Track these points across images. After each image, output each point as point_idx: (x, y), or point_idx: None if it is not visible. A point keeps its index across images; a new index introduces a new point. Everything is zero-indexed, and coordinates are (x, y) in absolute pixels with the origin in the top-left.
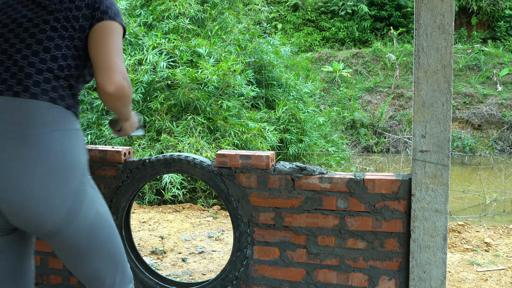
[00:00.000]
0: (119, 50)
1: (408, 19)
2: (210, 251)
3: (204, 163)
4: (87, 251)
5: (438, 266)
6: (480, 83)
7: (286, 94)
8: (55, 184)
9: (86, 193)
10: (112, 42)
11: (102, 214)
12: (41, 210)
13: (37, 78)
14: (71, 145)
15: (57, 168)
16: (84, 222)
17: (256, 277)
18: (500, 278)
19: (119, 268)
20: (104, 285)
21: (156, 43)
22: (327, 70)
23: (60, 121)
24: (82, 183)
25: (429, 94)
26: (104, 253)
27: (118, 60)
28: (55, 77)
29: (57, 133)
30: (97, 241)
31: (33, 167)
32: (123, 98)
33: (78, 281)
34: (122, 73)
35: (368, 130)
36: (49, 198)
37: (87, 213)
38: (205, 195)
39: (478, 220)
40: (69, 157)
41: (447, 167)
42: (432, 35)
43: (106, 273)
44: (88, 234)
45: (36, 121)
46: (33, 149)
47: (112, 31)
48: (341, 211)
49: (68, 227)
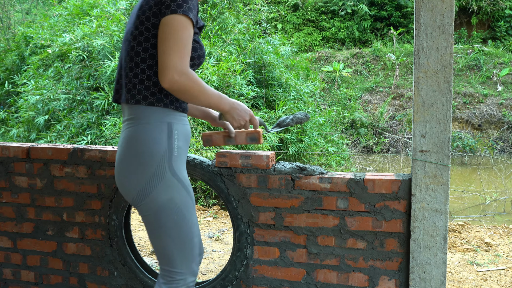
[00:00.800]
0: (176, 45)
1: (408, 19)
2: (210, 251)
3: (204, 163)
4: (155, 229)
5: (438, 266)
6: (480, 83)
7: (286, 94)
8: (133, 167)
9: (163, 179)
10: (169, 38)
11: (176, 202)
12: (124, 185)
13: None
14: (151, 135)
15: (136, 154)
16: (153, 203)
17: (256, 277)
18: (500, 278)
19: (182, 254)
20: (168, 265)
21: None
22: (327, 70)
23: (143, 116)
24: (159, 169)
25: (429, 94)
26: (170, 236)
27: (173, 57)
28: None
29: (139, 126)
30: (163, 223)
31: (121, 151)
32: (182, 92)
33: (78, 281)
34: (175, 69)
35: (368, 130)
36: (127, 177)
37: (157, 196)
38: (205, 195)
39: (478, 220)
40: (147, 144)
41: (447, 167)
42: (432, 35)
43: (171, 256)
44: (155, 215)
45: (130, 117)
46: (123, 137)
47: (171, 26)
48: (341, 211)
49: (139, 203)
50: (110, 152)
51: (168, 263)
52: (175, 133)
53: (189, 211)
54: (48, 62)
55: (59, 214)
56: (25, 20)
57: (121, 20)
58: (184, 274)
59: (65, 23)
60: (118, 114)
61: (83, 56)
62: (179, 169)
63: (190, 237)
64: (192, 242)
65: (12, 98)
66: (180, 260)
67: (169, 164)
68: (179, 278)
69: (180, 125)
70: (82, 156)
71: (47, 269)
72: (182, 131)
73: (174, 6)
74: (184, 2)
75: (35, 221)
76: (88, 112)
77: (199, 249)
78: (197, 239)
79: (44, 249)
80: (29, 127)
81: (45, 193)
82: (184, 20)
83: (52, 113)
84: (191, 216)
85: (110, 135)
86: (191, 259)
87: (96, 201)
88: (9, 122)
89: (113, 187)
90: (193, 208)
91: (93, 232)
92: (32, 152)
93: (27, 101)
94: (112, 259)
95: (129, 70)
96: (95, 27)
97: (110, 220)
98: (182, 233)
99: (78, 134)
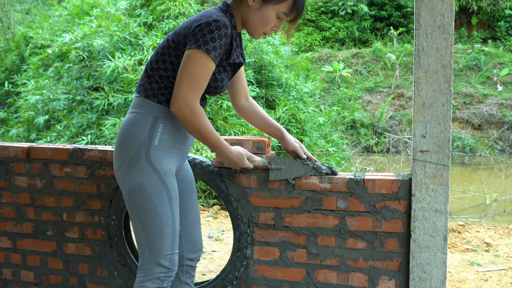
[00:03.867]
0: (190, 78)
1: (408, 19)
2: (210, 251)
3: (204, 163)
4: (129, 211)
5: (438, 266)
6: (480, 83)
7: (286, 94)
8: (118, 150)
9: (137, 164)
10: (186, 70)
11: (145, 187)
12: (114, 167)
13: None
14: (135, 123)
15: (121, 139)
16: (127, 185)
17: (256, 277)
18: (500, 278)
19: (149, 242)
20: (139, 250)
21: (156, 43)
22: (327, 70)
23: (137, 106)
24: (136, 155)
25: (429, 94)
26: (139, 220)
27: (185, 89)
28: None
29: (130, 114)
30: (133, 206)
31: (117, 137)
32: (183, 123)
33: (78, 281)
34: (183, 100)
35: (368, 130)
36: (115, 159)
37: (131, 180)
38: (205, 195)
39: (479, 220)
40: (129, 131)
41: (447, 167)
42: (432, 35)
43: (141, 241)
44: (128, 197)
45: (131, 106)
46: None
47: (191, 59)
48: (341, 211)
49: (119, 184)
50: (110, 152)
51: (139, 250)
52: (160, 125)
53: (159, 199)
54: (48, 62)
55: (59, 214)
56: (25, 20)
57: (121, 20)
58: (149, 263)
59: (65, 23)
60: (118, 114)
61: (83, 56)
62: (157, 159)
63: (159, 226)
64: (161, 232)
65: (12, 98)
66: (148, 248)
67: (146, 152)
68: (146, 267)
69: (170, 120)
70: (82, 156)
71: (47, 269)
72: (170, 126)
73: (200, 42)
74: (211, 41)
75: (35, 221)
76: (88, 112)
77: (171, 241)
78: (168, 230)
79: (44, 249)
80: (29, 127)
81: (45, 193)
82: (204, 57)
83: (52, 113)
84: (162, 205)
85: (110, 135)
86: (158, 251)
87: (96, 201)
88: (9, 122)
89: (113, 187)
90: (167, 199)
91: (93, 232)
92: (32, 152)
93: (27, 101)
94: (112, 259)
95: (149, 65)
96: (95, 27)
97: (110, 220)
98: (150, 220)
99: (78, 134)
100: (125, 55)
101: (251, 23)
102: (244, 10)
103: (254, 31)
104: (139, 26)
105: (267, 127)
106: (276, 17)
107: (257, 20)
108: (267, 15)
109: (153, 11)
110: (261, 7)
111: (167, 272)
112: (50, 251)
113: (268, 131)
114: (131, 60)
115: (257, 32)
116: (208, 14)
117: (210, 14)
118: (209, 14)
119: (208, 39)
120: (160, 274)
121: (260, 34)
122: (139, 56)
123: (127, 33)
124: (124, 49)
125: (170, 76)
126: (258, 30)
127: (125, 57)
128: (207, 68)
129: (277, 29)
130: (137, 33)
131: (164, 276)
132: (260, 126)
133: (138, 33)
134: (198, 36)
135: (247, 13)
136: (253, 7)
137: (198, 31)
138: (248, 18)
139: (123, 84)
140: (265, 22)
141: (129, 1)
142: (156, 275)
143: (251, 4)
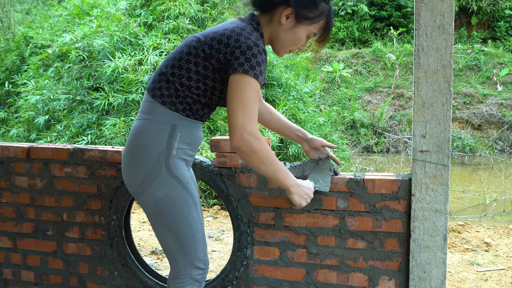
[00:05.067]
0: (245, 104)
1: (408, 19)
2: (210, 251)
3: (204, 163)
4: (155, 223)
5: (438, 266)
6: (480, 83)
7: (286, 94)
8: (133, 161)
9: (158, 176)
10: (237, 97)
11: (172, 199)
12: (126, 177)
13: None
14: (151, 133)
15: (136, 149)
16: (150, 199)
17: (256, 277)
18: (500, 278)
19: (183, 250)
20: (171, 259)
21: (156, 43)
22: (327, 70)
23: (152, 112)
24: (156, 166)
25: (429, 94)
26: (169, 231)
27: (242, 116)
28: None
29: (144, 121)
30: (161, 218)
31: (126, 144)
32: (249, 153)
33: (78, 281)
34: (244, 129)
35: (368, 130)
36: (129, 170)
37: (154, 192)
38: (205, 195)
39: (478, 220)
40: (146, 141)
41: (447, 167)
42: (432, 35)
43: (173, 250)
44: (153, 210)
45: (142, 110)
46: (131, 130)
47: (240, 85)
48: (341, 211)
49: (139, 197)
50: (110, 152)
51: (171, 258)
52: (177, 135)
53: (188, 208)
54: (48, 62)
55: (59, 214)
56: (25, 20)
57: (121, 20)
58: (186, 269)
59: (65, 23)
60: (118, 114)
61: (83, 56)
62: (177, 168)
63: (190, 233)
64: (194, 238)
65: (12, 98)
66: (183, 255)
67: (166, 162)
68: (183, 273)
69: (186, 129)
70: (82, 156)
71: (47, 269)
72: (187, 135)
73: (246, 67)
74: (257, 65)
75: (35, 221)
76: (88, 112)
77: (202, 244)
78: (199, 235)
79: (44, 249)
80: (29, 127)
81: (45, 193)
82: (253, 82)
83: (52, 113)
84: (191, 213)
85: (110, 135)
86: (193, 255)
87: (96, 201)
88: (9, 122)
89: (113, 187)
90: (193, 205)
91: (93, 232)
92: (32, 152)
93: (27, 101)
94: (112, 259)
95: (170, 70)
96: (95, 27)
97: (110, 220)
98: (181, 230)
99: (78, 134)
100: (125, 55)
101: (281, 42)
102: (275, 28)
103: (282, 49)
104: (139, 26)
105: (287, 130)
106: (306, 37)
107: (288, 39)
108: (299, 35)
109: (153, 11)
110: (293, 27)
111: (203, 273)
112: (50, 251)
113: (287, 134)
114: (131, 60)
115: (285, 51)
116: (245, 34)
117: (246, 33)
118: (246, 35)
119: (254, 64)
120: (198, 276)
121: (286, 52)
122: (139, 56)
123: (127, 33)
124: (124, 49)
125: (192, 86)
126: (287, 49)
127: (125, 57)
128: (257, 92)
129: (303, 47)
130: (137, 33)
131: (202, 278)
132: (279, 130)
133: (138, 33)
134: (242, 60)
135: (278, 32)
136: (286, 26)
137: (240, 54)
138: (278, 36)
139: (123, 84)
140: (296, 41)
141: (129, 1)
142: (194, 277)
143: (284, 23)
